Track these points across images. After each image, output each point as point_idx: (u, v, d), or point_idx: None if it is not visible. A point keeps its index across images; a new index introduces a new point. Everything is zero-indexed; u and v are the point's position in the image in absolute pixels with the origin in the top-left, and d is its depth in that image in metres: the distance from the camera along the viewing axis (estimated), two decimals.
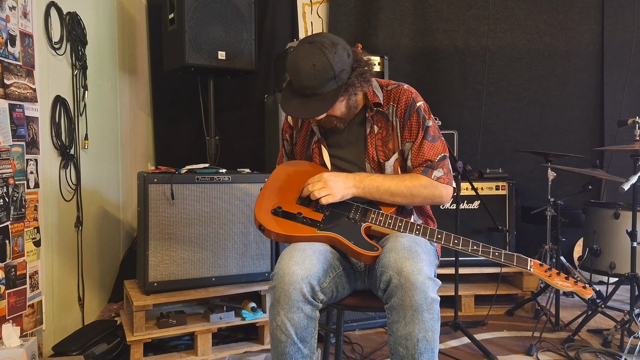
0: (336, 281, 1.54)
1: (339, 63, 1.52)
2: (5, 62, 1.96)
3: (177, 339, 2.53)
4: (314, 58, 1.49)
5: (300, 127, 1.82)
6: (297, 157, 1.84)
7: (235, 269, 2.51)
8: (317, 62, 1.49)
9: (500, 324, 2.89)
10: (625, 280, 2.61)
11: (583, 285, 1.44)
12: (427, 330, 1.33)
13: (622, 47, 3.75)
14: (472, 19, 3.72)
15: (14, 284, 2.01)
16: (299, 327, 1.40)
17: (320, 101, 1.54)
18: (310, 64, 1.49)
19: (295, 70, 1.51)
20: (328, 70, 1.50)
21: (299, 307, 1.39)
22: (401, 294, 1.32)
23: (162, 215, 2.35)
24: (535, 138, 3.77)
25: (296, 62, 1.51)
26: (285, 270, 1.40)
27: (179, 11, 2.68)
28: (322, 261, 1.46)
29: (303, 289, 1.38)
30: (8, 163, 1.97)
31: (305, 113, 1.57)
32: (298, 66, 1.50)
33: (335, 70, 1.51)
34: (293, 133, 1.84)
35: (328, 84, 1.52)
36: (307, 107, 1.54)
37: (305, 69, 1.50)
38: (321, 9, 3.70)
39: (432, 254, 1.57)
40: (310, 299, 1.40)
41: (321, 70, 1.50)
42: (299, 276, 1.38)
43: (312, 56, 1.50)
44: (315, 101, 1.54)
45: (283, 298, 1.38)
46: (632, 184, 2.36)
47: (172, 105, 3.42)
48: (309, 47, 1.51)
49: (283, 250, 1.49)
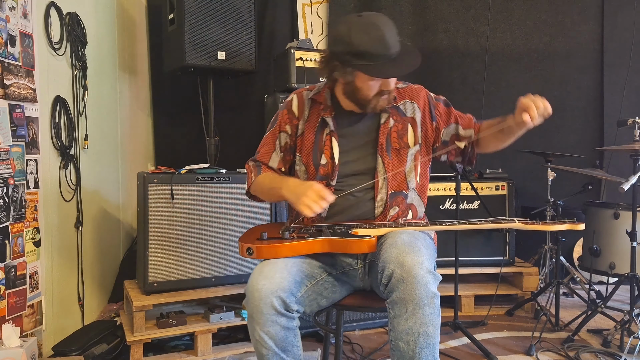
0: (317, 289, 1.55)
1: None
2: (5, 62, 1.96)
3: (177, 339, 2.53)
4: (384, 18, 1.53)
5: (308, 116, 1.72)
6: (301, 148, 1.71)
7: (235, 269, 2.51)
8: (388, 21, 1.53)
9: (500, 324, 2.89)
10: (625, 280, 2.61)
11: (573, 220, 1.47)
12: (428, 325, 1.33)
13: (622, 47, 3.75)
14: (471, 19, 3.72)
15: (14, 284, 2.01)
16: (278, 339, 1.42)
17: (408, 52, 1.56)
18: (386, 21, 1.52)
19: (380, 35, 1.49)
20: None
21: (273, 320, 1.40)
22: (403, 288, 1.33)
23: (162, 215, 2.36)
24: (535, 138, 3.76)
25: (376, 28, 1.50)
26: (254, 286, 1.41)
27: (179, 11, 2.68)
28: (295, 273, 1.47)
29: (274, 302, 1.39)
30: (8, 163, 1.97)
31: (407, 67, 1.53)
32: (381, 29, 1.49)
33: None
34: (298, 123, 1.73)
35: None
36: (405, 62, 1.53)
37: (388, 28, 1.51)
38: (321, 9, 3.70)
39: (431, 248, 1.59)
40: (282, 311, 1.41)
41: (394, 27, 1.54)
42: (268, 290, 1.39)
43: (383, 18, 1.53)
44: (403, 55, 1.54)
45: (256, 313, 1.40)
46: (631, 184, 2.36)
47: (172, 106, 3.42)
48: (371, 15, 1.53)
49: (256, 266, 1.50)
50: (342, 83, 1.61)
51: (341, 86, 1.63)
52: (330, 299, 1.61)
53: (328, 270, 1.61)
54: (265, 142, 1.80)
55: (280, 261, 1.47)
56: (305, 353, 2.35)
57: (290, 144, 1.75)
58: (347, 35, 1.50)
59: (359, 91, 1.59)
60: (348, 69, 1.54)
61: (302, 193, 1.48)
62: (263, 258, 1.50)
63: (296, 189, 1.52)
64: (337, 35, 1.54)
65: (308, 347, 2.44)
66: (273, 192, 1.64)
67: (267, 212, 2.57)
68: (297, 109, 1.75)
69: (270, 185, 1.66)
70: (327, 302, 1.60)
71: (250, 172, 1.76)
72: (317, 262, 1.58)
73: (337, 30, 1.55)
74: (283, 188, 1.57)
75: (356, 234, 1.50)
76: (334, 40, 1.56)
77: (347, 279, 1.67)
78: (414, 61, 1.54)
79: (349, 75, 1.55)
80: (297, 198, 1.48)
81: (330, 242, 1.49)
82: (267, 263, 1.47)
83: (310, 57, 2.82)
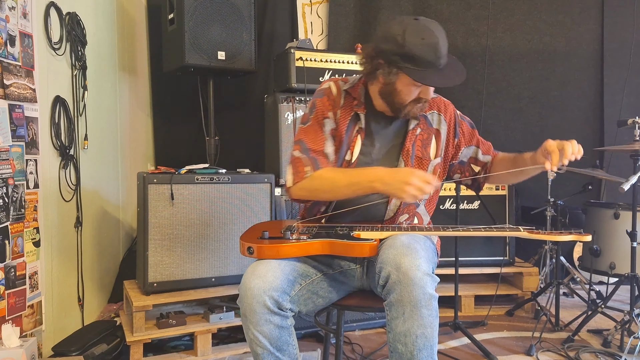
0: (312, 288, 1.54)
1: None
2: (5, 62, 1.96)
3: (177, 340, 2.53)
4: (439, 27, 1.51)
5: (343, 105, 1.66)
6: (336, 140, 1.64)
7: (235, 269, 2.50)
8: (443, 31, 1.51)
9: (500, 324, 2.89)
10: (625, 280, 2.61)
11: (579, 231, 1.46)
12: (426, 327, 1.33)
13: (622, 47, 3.75)
14: (472, 19, 3.72)
15: (14, 284, 2.01)
16: (272, 338, 1.42)
17: (455, 65, 1.55)
18: (441, 30, 1.50)
19: (434, 42, 1.47)
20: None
21: (267, 319, 1.40)
22: (400, 290, 1.32)
23: (161, 215, 2.35)
24: (535, 138, 3.76)
25: (431, 34, 1.47)
26: (247, 285, 1.41)
27: (179, 11, 2.68)
28: (288, 272, 1.47)
29: (266, 301, 1.39)
30: (8, 163, 1.97)
31: (453, 80, 1.51)
32: (436, 37, 1.47)
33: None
34: (337, 112, 1.65)
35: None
36: (451, 75, 1.51)
37: (442, 37, 1.49)
38: (321, 9, 3.69)
39: (431, 251, 1.58)
40: (276, 310, 1.41)
41: (446, 38, 1.52)
42: (261, 289, 1.39)
43: (439, 27, 1.51)
44: (450, 67, 1.52)
45: (249, 312, 1.41)
46: (632, 184, 2.36)
47: (172, 106, 3.42)
48: (427, 21, 1.51)
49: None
50: (381, 82, 1.57)
51: (379, 85, 1.59)
52: (327, 298, 1.60)
53: (324, 270, 1.61)
54: (308, 131, 1.64)
55: (274, 260, 1.47)
56: (305, 353, 2.35)
57: (334, 131, 1.64)
58: (400, 35, 1.47)
59: (398, 94, 1.56)
60: (393, 70, 1.51)
61: (404, 181, 1.42)
62: (264, 258, 1.48)
63: (393, 177, 1.45)
64: (389, 34, 1.50)
65: (308, 347, 2.44)
66: (354, 187, 1.51)
67: (267, 212, 2.57)
68: (336, 96, 1.67)
69: (350, 180, 1.52)
70: (324, 301, 1.59)
71: (303, 166, 1.57)
72: (313, 262, 1.58)
73: (390, 28, 1.50)
74: (374, 180, 1.47)
75: (358, 236, 1.49)
76: (385, 38, 1.51)
77: (344, 279, 1.66)
78: (460, 76, 1.52)
79: (392, 75, 1.52)
80: (400, 185, 1.42)
81: (331, 244, 1.48)
82: (260, 262, 1.47)
83: (310, 57, 2.82)
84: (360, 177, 1.50)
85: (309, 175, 1.55)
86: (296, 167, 1.59)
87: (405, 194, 1.42)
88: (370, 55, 1.56)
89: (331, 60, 2.87)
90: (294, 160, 1.60)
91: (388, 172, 1.48)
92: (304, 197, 1.61)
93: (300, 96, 2.77)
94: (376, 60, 1.54)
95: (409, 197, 1.43)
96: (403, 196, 1.43)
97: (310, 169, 1.56)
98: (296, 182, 1.57)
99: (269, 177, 2.58)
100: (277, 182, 2.68)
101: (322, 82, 1.75)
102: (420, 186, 1.41)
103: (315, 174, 1.55)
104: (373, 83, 1.62)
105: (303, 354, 1.54)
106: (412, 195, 1.42)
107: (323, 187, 1.55)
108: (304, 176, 1.56)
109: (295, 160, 1.60)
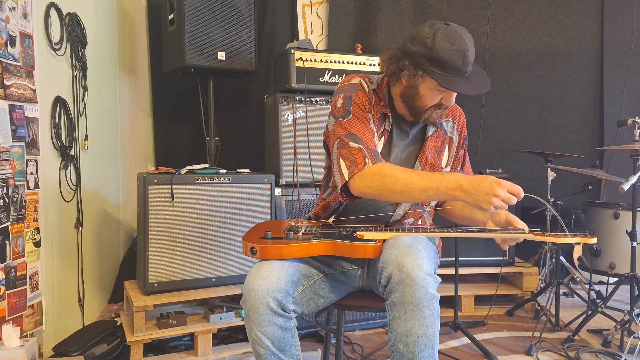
0: (315, 289, 1.55)
1: None
2: (5, 62, 1.96)
3: (177, 340, 2.53)
4: (469, 34, 1.49)
5: (374, 103, 1.61)
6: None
7: (236, 269, 2.51)
8: (472, 38, 1.50)
9: (500, 324, 2.89)
10: (625, 280, 2.61)
11: (584, 233, 1.45)
12: (427, 327, 1.33)
13: (622, 48, 3.76)
14: (471, 20, 3.72)
15: (14, 284, 2.01)
16: (275, 339, 1.42)
17: (480, 74, 1.53)
18: (470, 38, 1.49)
19: (463, 49, 1.45)
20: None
21: (270, 320, 1.40)
22: (402, 290, 1.33)
23: (162, 215, 2.36)
24: (535, 138, 3.78)
25: (461, 41, 1.46)
26: (250, 286, 1.41)
27: (179, 12, 2.68)
28: (292, 272, 1.47)
29: (270, 303, 1.39)
30: (8, 164, 1.97)
31: (478, 89, 1.50)
32: (466, 44, 1.46)
33: None
34: (372, 109, 1.60)
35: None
36: (477, 83, 1.50)
37: (471, 45, 1.48)
38: (321, 9, 3.70)
39: (432, 251, 1.58)
40: (279, 311, 1.41)
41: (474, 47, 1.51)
42: (264, 291, 1.39)
43: (469, 34, 1.49)
44: (475, 75, 1.51)
45: (252, 313, 1.40)
46: (631, 184, 2.36)
47: (172, 106, 3.42)
48: (458, 27, 1.49)
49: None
50: (404, 84, 1.55)
51: (401, 87, 1.57)
52: (328, 299, 1.61)
53: (326, 270, 1.61)
54: (354, 123, 1.55)
55: (277, 261, 1.47)
56: (306, 353, 2.35)
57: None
58: (430, 38, 1.45)
59: (420, 97, 1.54)
60: (419, 72, 1.49)
61: (490, 192, 1.36)
62: (267, 258, 1.48)
63: (476, 187, 1.38)
64: (418, 36, 1.48)
65: (308, 347, 2.44)
66: (431, 193, 1.43)
67: (267, 212, 2.57)
68: (369, 93, 1.61)
69: (427, 184, 1.42)
70: (325, 302, 1.60)
71: (362, 157, 1.48)
72: (315, 262, 1.58)
73: (420, 30, 1.49)
74: (455, 189, 1.40)
75: (361, 237, 1.48)
76: (413, 40, 1.49)
77: (345, 279, 1.67)
78: (485, 85, 1.51)
79: (417, 78, 1.49)
80: (485, 197, 1.37)
81: (335, 245, 1.47)
82: (264, 263, 1.47)
83: (310, 57, 2.82)
84: (440, 183, 1.41)
85: (369, 166, 1.46)
86: (353, 157, 1.49)
87: (489, 205, 1.37)
88: (395, 55, 1.54)
89: (331, 61, 2.87)
90: (347, 152, 1.50)
91: (469, 180, 1.40)
92: (367, 195, 1.50)
93: (300, 96, 2.77)
94: (402, 62, 1.52)
95: (493, 209, 1.40)
96: (487, 207, 1.38)
97: (370, 161, 1.47)
98: (354, 173, 1.47)
99: (269, 177, 2.58)
100: (277, 182, 2.68)
101: (346, 78, 1.67)
102: (508, 198, 1.38)
103: (381, 169, 1.46)
104: (395, 84, 1.59)
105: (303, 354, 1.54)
106: (497, 206, 1.38)
107: (395, 187, 1.43)
108: (363, 167, 1.46)
109: (351, 151, 1.49)
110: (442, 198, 1.46)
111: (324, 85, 2.85)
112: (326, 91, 2.85)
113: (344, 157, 1.51)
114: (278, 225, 1.68)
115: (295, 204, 2.68)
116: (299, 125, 2.75)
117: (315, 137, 2.77)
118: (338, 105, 1.60)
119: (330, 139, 1.61)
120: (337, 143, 1.55)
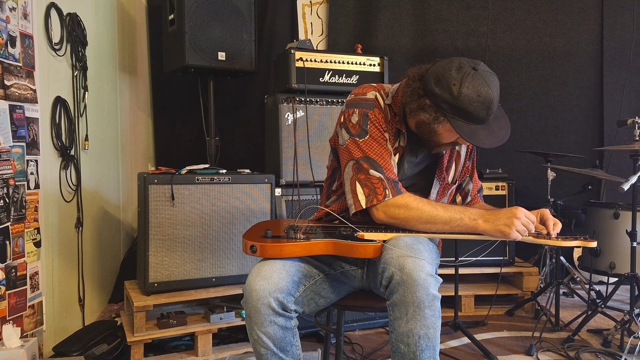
0: (315, 289, 1.55)
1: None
2: (6, 63, 1.96)
3: (177, 340, 2.53)
4: (496, 79, 1.46)
5: (389, 119, 1.59)
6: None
7: (236, 269, 2.51)
8: (497, 83, 1.47)
9: (500, 324, 2.89)
10: (625, 280, 2.61)
11: (585, 237, 1.46)
12: (429, 327, 1.33)
13: (622, 47, 3.76)
14: (471, 20, 3.72)
15: (15, 284, 2.01)
16: (276, 339, 1.42)
17: (500, 118, 1.52)
18: (496, 84, 1.46)
19: (489, 100, 1.42)
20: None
21: (271, 321, 1.40)
22: (403, 291, 1.33)
23: (162, 215, 2.36)
24: (535, 138, 3.78)
25: (488, 91, 1.42)
26: (252, 286, 1.41)
27: (179, 12, 2.68)
28: (293, 273, 1.47)
29: (271, 303, 1.39)
30: (8, 164, 1.97)
31: (499, 140, 1.48)
32: (492, 94, 1.43)
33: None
34: (387, 126, 1.57)
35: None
36: (497, 132, 1.48)
37: (496, 93, 1.45)
38: (321, 9, 3.70)
39: (433, 252, 1.58)
40: (280, 311, 1.41)
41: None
42: (266, 291, 1.39)
43: (495, 79, 1.46)
44: (496, 120, 1.49)
45: (253, 313, 1.41)
46: (631, 184, 2.36)
47: (172, 106, 3.43)
48: (486, 73, 1.45)
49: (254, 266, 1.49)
50: (421, 119, 1.50)
51: (419, 120, 1.53)
52: (329, 299, 1.61)
53: (326, 270, 1.61)
54: (371, 145, 1.53)
55: (279, 261, 1.47)
56: (306, 353, 2.35)
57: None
58: (457, 85, 1.41)
59: (436, 135, 1.52)
60: (440, 117, 1.45)
61: (511, 215, 1.41)
62: (266, 257, 1.48)
63: (497, 215, 1.44)
64: (444, 79, 1.43)
65: (308, 347, 2.44)
66: (455, 224, 1.46)
67: (267, 212, 2.57)
68: (384, 109, 1.59)
69: (451, 215, 1.46)
70: (325, 302, 1.60)
71: (383, 188, 1.48)
72: (315, 262, 1.58)
73: (447, 73, 1.43)
74: (477, 218, 1.44)
75: (362, 237, 1.48)
76: (438, 81, 1.44)
77: (345, 280, 1.67)
78: (505, 133, 1.49)
79: (437, 121, 1.46)
80: (507, 221, 1.41)
81: (335, 245, 1.46)
82: (265, 263, 1.47)
83: (310, 57, 2.82)
84: (464, 214, 1.45)
85: (390, 198, 1.47)
86: (372, 186, 1.49)
87: (512, 228, 1.40)
88: (417, 92, 1.48)
89: (331, 61, 2.87)
90: (366, 179, 1.50)
91: (489, 211, 1.49)
92: (391, 224, 1.52)
93: (301, 96, 2.77)
94: (424, 100, 1.47)
95: (515, 233, 1.41)
96: (509, 232, 1.41)
97: (390, 193, 1.48)
98: (373, 203, 1.49)
99: (269, 178, 2.59)
100: (277, 182, 2.68)
101: (360, 88, 1.62)
102: (527, 223, 1.42)
103: (407, 203, 1.48)
104: (412, 116, 1.54)
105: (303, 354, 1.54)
106: (519, 230, 1.41)
107: (421, 218, 1.46)
108: (383, 199, 1.48)
109: (371, 179, 1.50)
110: (464, 229, 1.47)
111: (324, 86, 2.85)
112: (326, 91, 2.85)
113: (361, 182, 1.51)
114: (278, 224, 1.68)
115: (296, 204, 2.68)
116: (299, 125, 2.75)
117: (315, 137, 2.78)
118: (353, 121, 1.56)
119: (342, 153, 1.58)
120: (354, 165, 1.53)
